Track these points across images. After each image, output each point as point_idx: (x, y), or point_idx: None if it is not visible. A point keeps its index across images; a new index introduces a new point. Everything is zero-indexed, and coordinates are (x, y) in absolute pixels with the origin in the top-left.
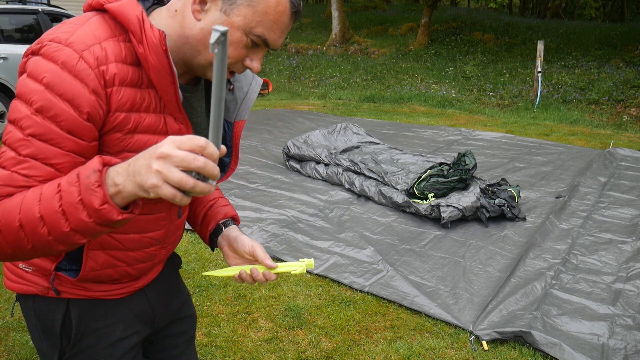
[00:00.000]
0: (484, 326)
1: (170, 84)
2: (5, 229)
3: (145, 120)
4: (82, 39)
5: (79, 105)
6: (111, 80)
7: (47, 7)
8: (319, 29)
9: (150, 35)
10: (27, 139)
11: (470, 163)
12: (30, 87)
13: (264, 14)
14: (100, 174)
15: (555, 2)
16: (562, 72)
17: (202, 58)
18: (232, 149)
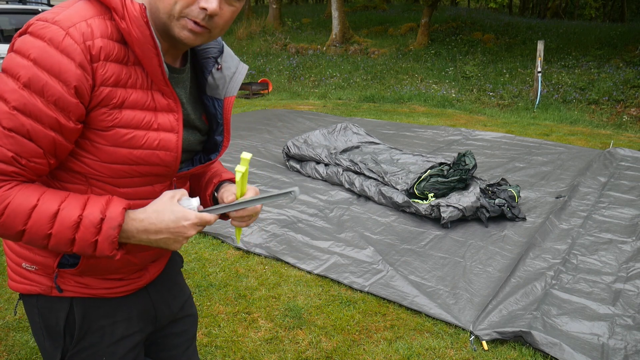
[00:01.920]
0: (484, 326)
1: (154, 55)
2: (5, 226)
3: (132, 95)
4: (69, 17)
5: (66, 79)
6: (97, 55)
7: (47, 7)
8: (319, 29)
9: (131, 9)
10: (12, 112)
11: (470, 163)
12: (18, 62)
13: None
14: (120, 228)
15: (555, 2)
16: (562, 72)
17: (161, 14)
18: (224, 126)
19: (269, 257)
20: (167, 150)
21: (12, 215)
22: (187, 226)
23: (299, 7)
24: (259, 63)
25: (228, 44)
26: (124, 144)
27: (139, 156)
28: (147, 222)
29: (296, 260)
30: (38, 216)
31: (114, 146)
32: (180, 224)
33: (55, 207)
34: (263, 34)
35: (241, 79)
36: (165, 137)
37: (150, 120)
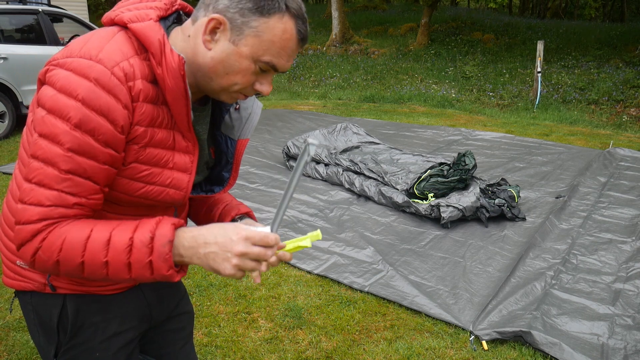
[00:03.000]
0: (484, 326)
1: (183, 106)
2: (64, 262)
3: (158, 135)
4: (111, 55)
5: (114, 119)
6: (137, 95)
7: (47, 7)
8: (319, 29)
9: (170, 59)
10: (67, 154)
11: (470, 163)
12: (65, 103)
13: (271, 42)
14: (171, 244)
15: (555, 2)
16: (562, 72)
17: (213, 84)
18: (233, 165)
19: None
20: (177, 189)
21: (69, 248)
22: (234, 240)
23: None
24: None
25: None
26: (139, 178)
27: (150, 191)
28: (197, 233)
29: (296, 260)
30: (92, 245)
31: (128, 179)
32: (228, 237)
33: (107, 235)
34: None
35: (256, 120)
36: (178, 177)
37: (167, 159)
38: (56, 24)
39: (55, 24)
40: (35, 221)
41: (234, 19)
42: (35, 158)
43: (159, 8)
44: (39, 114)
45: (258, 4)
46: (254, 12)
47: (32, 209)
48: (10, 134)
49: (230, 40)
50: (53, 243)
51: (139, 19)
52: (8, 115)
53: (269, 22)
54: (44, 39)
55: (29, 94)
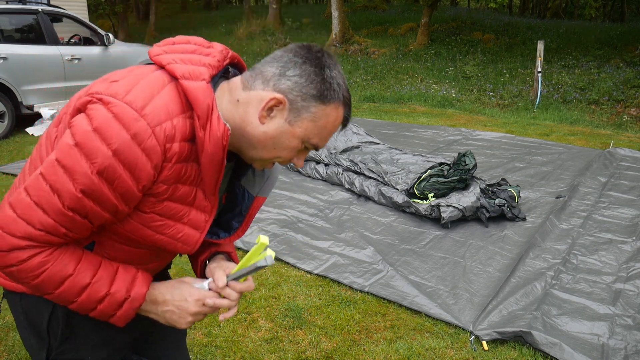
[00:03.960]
0: (484, 326)
1: (216, 172)
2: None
3: (180, 190)
4: (157, 113)
5: (139, 176)
6: (170, 157)
7: (47, 7)
8: (319, 29)
9: (215, 127)
10: (78, 195)
11: (470, 163)
12: (97, 146)
13: (323, 127)
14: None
15: (555, 2)
16: (562, 72)
17: (255, 153)
18: (245, 218)
19: None
20: (185, 244)
21: (47, 280)
22: (190, 301)
23: (299, 7)
24: None
25: (227, 44)
26: (151, 227)
27: (159, 239)
28: (157, 292)
29: (296, 260)
30: (70, 285)
31: (140, 224)
32: (184, 298)
33: (88, 280)
34: (263, 34)
35: (276, 178)
36: (190, 233)
37: (184, 214)
38: (56, 23)
39: (55, 24)
40: (20, 237)
41: (295, 101)
42: (44, 179)
43: (212, 66)
44: (66, 140)
45: (321, 92)
46: (316, 98)
47: (22, 224)
48: (9, 134)
49: (286, 119)
50: (32, 270)
51: (192, 77)
52: (8, 115)
53: (326, 110)
54: (44, 39)
55: (29, 94)
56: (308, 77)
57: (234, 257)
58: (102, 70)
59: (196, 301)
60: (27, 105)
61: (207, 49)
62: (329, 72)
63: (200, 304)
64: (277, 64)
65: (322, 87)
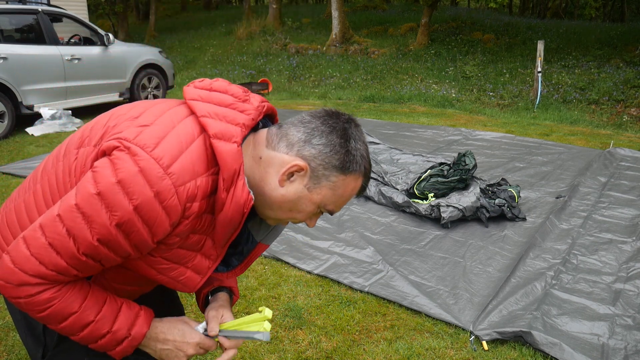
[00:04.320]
0: (484, 326)
1: (230, 232)
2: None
3: (191, 239)
4: (182, 172)
5: (155, 232)
6: (189, 214)
7: (46, 7)
8: (319, 29)
9: (239, 194)
10: (94, 243)
11: (470, 163)
12: (119, 200)
13: (340, 196)
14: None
15: (555, 2)
16: (562, 72)
17: (271, 213)
18: (245, 259)
19: (268, 257)
20: (186, 286)
21: (52, 315)
22: (190, 343)
23: (299, 7)
24: (259, 63)
25: (227, 44)
26: (156, 268)
27: (161, 279)
28: (159, 331)
29: (296, 260)
30: (74, 321)
31: (146, 265)
32: (185, 340)
33: (91, 318)
34: (263, 33)
35: (282, 229)
36: (191, 277)
37: (189, 259)
38: (56, 23)
39: (54, 24)
40: (30, 275)
41: (317, 169)
42: (62, 222)
43: (246, 126)
44: (88, 186)
45: (344, 164)
46: (338, 169)
47: (35, 263)
48: (9, 134)
49: (305, 185)
50: (40, 304)
51: (224, 138)
52: (7, 115)
53: (346, 180)
54: (44, 39)
55: (29, 94)
56: (333, 148)
57: (235, 291)
58: (102, 70)
59: (196, 345)
60: (27, 105)
61: (243, 103)
62: (354, 144)
63: (198, 347)
64: (303, 129)
65: (346, 158)
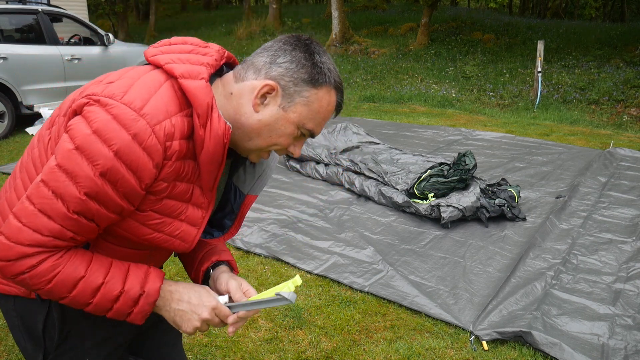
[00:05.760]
0: (484, 326)
1: (216, 169)
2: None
3: (178, 188)
4: (155, 112)
5: (141, 176)
6: (171, 155)
7: (46, 7)
8: (319, 29)
9: (216, 126)
10: (82, 197)
11: (470, 163)
12: (98, 149)
13: (317, 112)
14: (155, 303)
15: (555, 2)
16: (562, 72)
17: (251, 143)
18: (237, 217)
19: (269, 257)
20: (183, 241)
21: (60, 284)
22: (206, 306)
23: (299, 7)
24: None
25: (227, 44)
26: (149, 225)
27: (156, 238)
28: (174, 289)
29: (296, 260)
30: (83, 287)
31: (138, 223)
32: (201, 302)
33: (101, 280)
34: (263, 34)
35: (270, 176)
36: (187, 230)
37: (181, 211)
38: (56, 23)
39: (54, 24)
40: (28, 245)
41: (287, 86)
42: (46, 185)
43: (210, 65)
44: (66, 144)
45: (312, 76)
46: (307, 82)
47: (29, 232)
48: (9, 134)
49: (280, 105)
50: (44, 274)
51: (191, 76)
52: (7, 115)
53: (318, 93)
54: (44, 39)
55: (29, 94)
56: (298, 63)
57: (233, 265)
58: (102, 70)
59: (211, 309)
60: (27, 105)
61: (204, 48)
62: (319, 58)
63: (213, 313)
64: (267, 54)
65: (313, 71)
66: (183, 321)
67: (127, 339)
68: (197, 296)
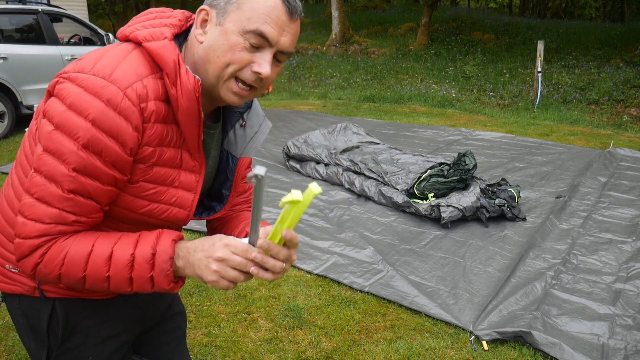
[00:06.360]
0: (484, 326)
1: (195, 126)
2: (66, 275)
3: (166, 154)
4: (125, 76)
5: (123, 141)
6: (149, 117)
7: (47, 7)
8: (319, 29)
9: (185, 80)
10: (72, 174)
11: (470, 163)
12: (75, 122)
13: (252, 10)
14: (172, 260)
15: (555, 2)
16: (562, 72)
17: (210, 76)
18: (232, 183)
19: None
20: (181, 208)
21: (71, 263)
22: (216, 246)
23: None
24: None
25: None
26: (145, 197)
27: (154, 209)
28: (190, 244)
29: (296, 260)
30: (94, 261)
31: (132, 196)
32: (211, 243)
33: (109, 250)
34: None
35: (262, 139)
36: (183, 196)
37: (174, 178)
38: (56, 23)
39: (54, 24)
40: (35, 237)
41: (218, 4)
42: (38, 173)
43: (173, 25)
44: (45, 127)
45: None
46: None
47: (32, 224)
48: (9, 134)
49: (217, 23)
50: (54, 258)
51: (154, 38)
52: (8, 115)
53: None
54: (44, 39)
55: (29, 94)
56: None
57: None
58: None
59: (224, 246)
60: (27, 105)
61: (168, 13)
62: None
63: (228, 250)
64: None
65: None
66: (202, 270)
67: (131, 338)
68: (209, 241)
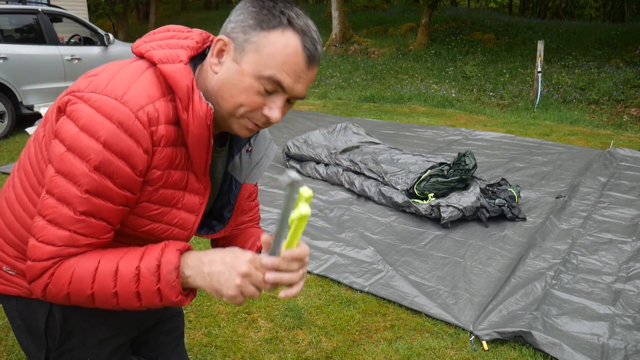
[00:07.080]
0: (484, 326)
1: (204, 153)
2: (75, 293)
3: (173, 176)
4: (137, 98)
5: (134, 163)
6: (158, 140)
7: (46, 7)
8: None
9: (197, 107)
10: (84, 196)
11: (470, 163)
12: (87, 144)
13: (271, 56)
14: (178, 271)
15: (555, 2)
16: (562, 72)
17: (222, 110)
18: (234, 207)
19: None
20: (182, 229)
21: (78, 280)
22: (241, 259)
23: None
24: None
25: None
26: (148, 217)
27: (155, 229)
28: (202, 254)
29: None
30: (101, 277)
31: (136, 215)
32: (235, 256)
33: (115, 265)
34: None
35: (267, 164)
36: (185, 217)
37: (178, 199)
38: (56, 23)
39: (54, 24)
40: (46, 259)
41: (237, 38)
42: (51, 195)
43: (190, 47)
44: (57, 149)
45: (258, 21)
46: (254, 27)
47: (44, 247)
48: (9, 134)
49: (233, 59)
50: (62, 276)
51: (169, 60)
52: (8, 115)
53: (269, 36)
54: (44, 39)
55: (29, 94)
56: (247, 13)
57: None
58: None
59: (249, 261)
60: (27, 105)
61: (186, 33)
62: (270, 3)
63: (251, 266)
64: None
65: (260, 15)
66: (221, 284)
67: (129, 339)
68: (231, 255)
